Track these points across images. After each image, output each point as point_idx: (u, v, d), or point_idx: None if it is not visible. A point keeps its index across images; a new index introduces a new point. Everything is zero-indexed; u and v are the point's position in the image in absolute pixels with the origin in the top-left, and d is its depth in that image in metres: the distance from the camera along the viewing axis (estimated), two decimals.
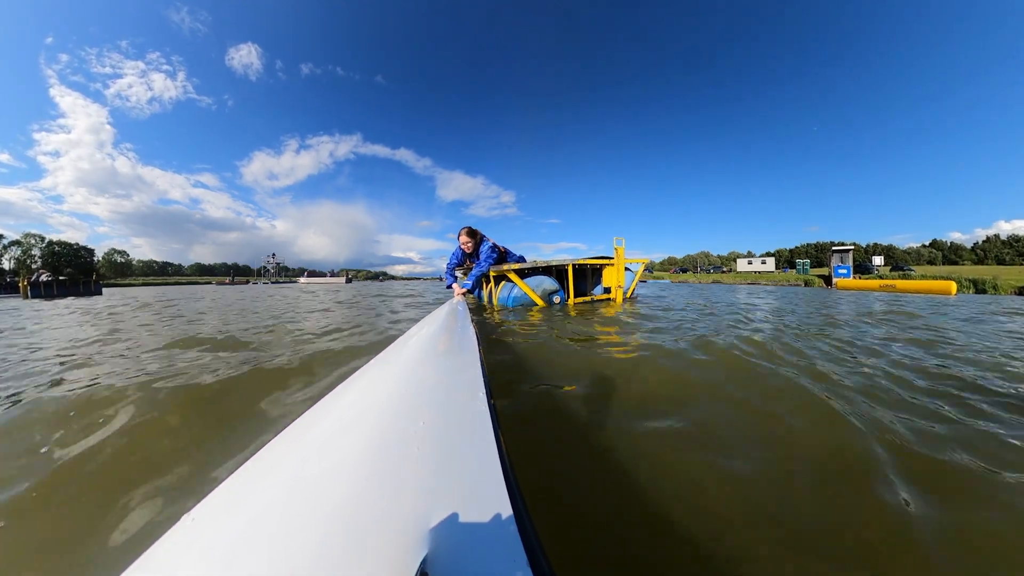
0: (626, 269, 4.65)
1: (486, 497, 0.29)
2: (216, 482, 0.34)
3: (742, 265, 39.14)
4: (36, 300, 10.14)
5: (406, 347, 0.91)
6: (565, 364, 1.38)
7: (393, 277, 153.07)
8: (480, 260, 3.89)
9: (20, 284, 14.13)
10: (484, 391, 0.49)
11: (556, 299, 3.87)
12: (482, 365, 0.62)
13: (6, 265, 66.62)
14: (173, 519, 0.30)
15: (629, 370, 1.27)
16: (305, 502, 0.30)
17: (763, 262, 38.01)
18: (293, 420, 0.47)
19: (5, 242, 69.43)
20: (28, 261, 68.07)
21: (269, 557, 0.26)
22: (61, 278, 15.05)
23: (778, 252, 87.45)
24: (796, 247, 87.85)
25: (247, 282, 53.65)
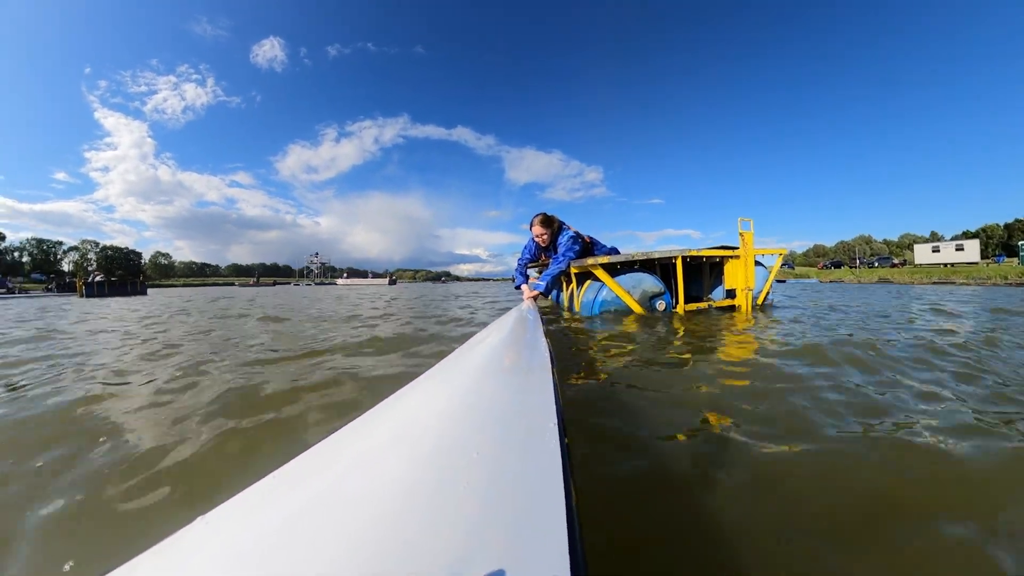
0: (756, 263, 4.24)
1: (544, 559, 0.28)
2: (239, 487, 0.39)
3: (922, 254, 33.11)
4: (91, 299, 13.97)
5: (466, 359, 0.95)
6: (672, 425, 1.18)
7: (457, 278, 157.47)
8: (558, 254, 3.77)
9: (77, 284, 19.75)
10: (556, 422, 0.48)
11: (660, 304, 3.64)
12: (555, 390, 0.62)
13: (66, 268, 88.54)
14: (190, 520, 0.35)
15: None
16: (326, 526, 0.32)
17: (959, 248, 31.25)
18: (332, 432, 0.51)
19: (65, 247, 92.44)
20: (84, 264, 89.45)
21: None
22: (112, 279, 20.37)
23: (985, 230, 72.11)
24: (1017, 220, 70.05)
25: (273, 283, 58.68)
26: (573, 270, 3.87)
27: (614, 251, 4.07)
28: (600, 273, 3.59)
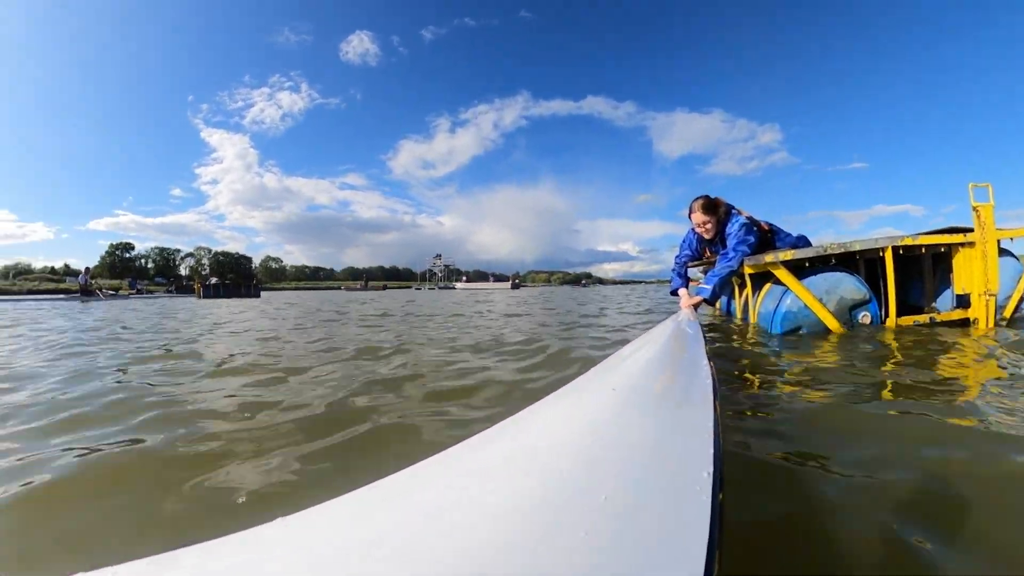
0: (1002, 252, 3.42)
1: None
2: (332, 494, 0.43)
3: None
4: (207, 300, 18.05)
5: (605, 380, 0.93)
6: None
7: (600, 280, 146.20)
8: (727, 249, 3.40)
9: (195, 287, 24.96)
10: (711, 472, 0.44)
11: (863, 317, 3.20)
12: (715, 432, 0.56)
13: (183, 272, 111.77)
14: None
15: None
16: (402, 552, 0.34)
17: None
18: (439, 450, 0.54)
19: (182, 254, 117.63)
20: (199, 268, 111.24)
21: None
22: (226, 282, 25.88)
23: None
24: None
25: (383, 287, 62.73)
26: (747, 270, 3.46)
27: (802, 241, 3.60)
28: (782, 274, 3.16)
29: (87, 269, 22.37)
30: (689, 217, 3.66)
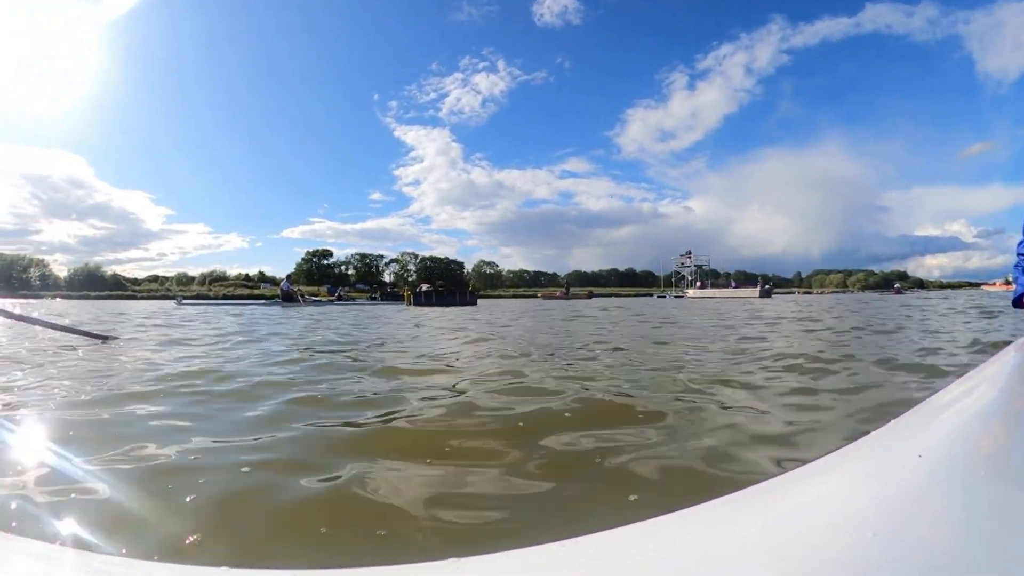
0: None
1: None
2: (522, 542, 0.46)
3: None
4: (417, 307, 18.03)
5: (914, 438, 0.82)
6: None
7: (922, 284, 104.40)
8: None
9: (403, 294, 26.16)
10: None
11: None
12: None
13: (387, 278, 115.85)
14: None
15: None
16: None
17: None
18: (673, 508, 0.55)
19: (386, 260, 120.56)
20: (404, 275, 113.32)
21: None
22: (440, 289, 26.03)
23: None
24: None
25: (589, 295, 51.49)
26: None
27: None
28: None
29: (288, 276, 24.74)
30: None
